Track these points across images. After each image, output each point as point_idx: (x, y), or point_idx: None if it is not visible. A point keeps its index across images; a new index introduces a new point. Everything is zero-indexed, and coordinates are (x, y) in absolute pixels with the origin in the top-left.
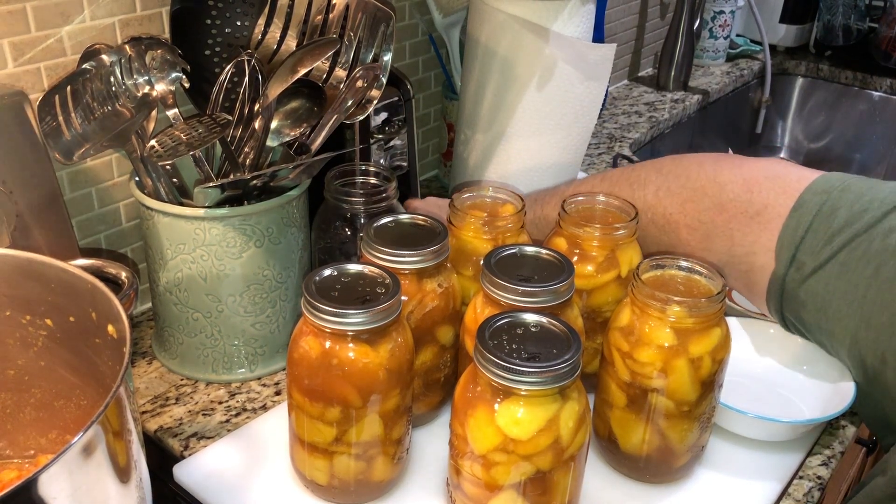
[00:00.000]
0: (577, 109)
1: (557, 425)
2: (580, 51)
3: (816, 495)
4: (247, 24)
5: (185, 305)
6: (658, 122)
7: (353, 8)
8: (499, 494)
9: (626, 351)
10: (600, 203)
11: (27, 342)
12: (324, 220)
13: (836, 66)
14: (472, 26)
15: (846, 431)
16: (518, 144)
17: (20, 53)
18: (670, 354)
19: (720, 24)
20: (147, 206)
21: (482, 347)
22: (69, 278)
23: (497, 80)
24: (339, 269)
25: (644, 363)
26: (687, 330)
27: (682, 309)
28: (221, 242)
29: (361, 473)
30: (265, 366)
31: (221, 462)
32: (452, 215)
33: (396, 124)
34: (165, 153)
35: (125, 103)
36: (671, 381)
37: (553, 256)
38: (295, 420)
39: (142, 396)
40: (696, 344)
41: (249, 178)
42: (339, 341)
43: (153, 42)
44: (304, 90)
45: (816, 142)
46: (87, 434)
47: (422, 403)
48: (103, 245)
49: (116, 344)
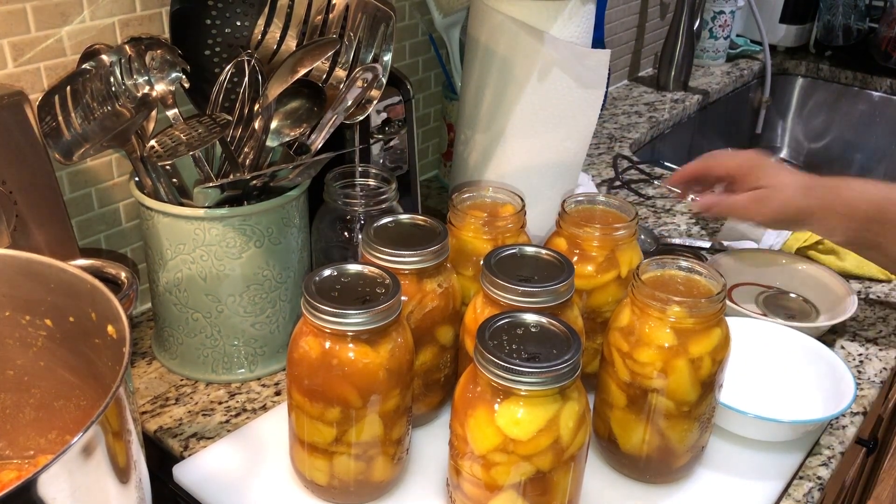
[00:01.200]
0: (576, 110)
1: (557, 425)
2: (575, 56)
3: (816, 495)
4: (247, 24)
5: (184, 306)
6: (658, 123)
7: (353, 8)
8: (499, 495)
9: (626, 351)
10: (600, 203)
11: (27, 342)
12: (323, 220)
13: (836, 67)
14: (472, 26)
15: (846, 431)
16: (518, 144)
17: (20, 53)
18: (670, 354)
19: (720, 24)
20: (147, 207)
21: (482, 348)
22: (69, 278)
23: (497, 81)
24: (339, 269)
25: (644, 363)
26: (687, 330)
27: (682, 309)
28: (221, 243)
29: (361, 474)
30: (265, 366)
31: (221, 462)
32: (452, 215)
33: (396, 124)
34: (165, 153)
35: (125, 103)
36: (671, 382)
37: (553, 257)
38: (295, 420)
39: (141, 397)
40: (696, 344)
41: (249, 179)
42: (339, 341)
43: (153, 42)
44: (304, 90)
45: (816, 142)
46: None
47: (422, 403)
48: (103, 245)
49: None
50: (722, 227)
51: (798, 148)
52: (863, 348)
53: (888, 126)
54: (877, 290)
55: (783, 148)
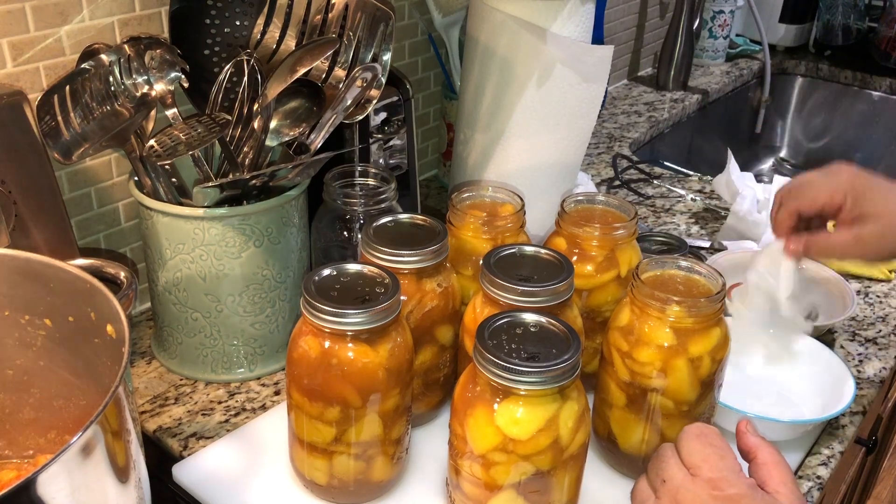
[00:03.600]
0: (576, 109)
1: (557, 425)
2: (577, 52)
3: (816, 495)
4: (246, 23)
5: (184, 305)
6: (658, 122)
7: (353, 7)
8: (498, 494)
9: (626, 351)
10: (600, 203)
11: (26, 342)
12: (323, 220)
13: (836, 66)
14: (471, 26)
15: (846, 431)
16: (517, 144)
17: (19, 53)
18: (670, 354)
19: (720, 23)
20: (146, 206)
21: (482, 347)
22: (68, 278)
23: (496, 80)
24: (339, 268)
25: (644, 363)
26: (686, 330)
27: (681, 309)
28: (220, 242)
29: (361, 473)
30: (264, 366)
31: (220, 462)
32: (452, 215)
33: (396, 124)
34: (164, 153)
35: (124, 103)
36: (671, 381)
37: (552, 256)
38: (294, 420)
39: (141, 396)
40: (695, 344)
41: (248, 178)
42: (339, 341)
43: (152, 42)
44: (304, 90)
45: (816, 141)
46: (86, 434)
47: (421, 403)
48: (102, 245)
49: (115, 344)
50: (722, 227)
51: (797, 147)
52: (862, 348)
53: (888, 126)
54: (877, 290)
55: (783, 147)
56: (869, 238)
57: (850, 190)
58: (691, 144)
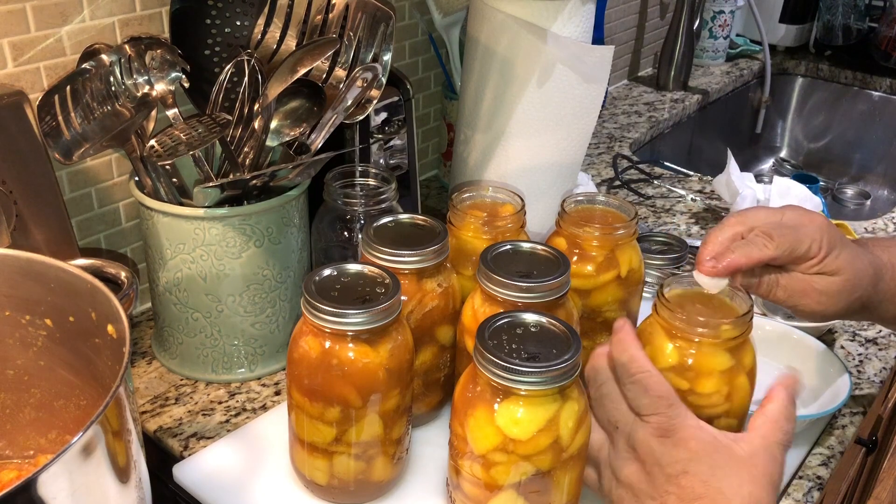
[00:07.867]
0: (576, 109)
1: (557, 425)
2: (578, 52)
3: (816, 495)
4: (246, 23)
5: (184, 305)
6: (658, 122)
7: (353, 8)
8: (498, 494)
9: (687, 388)
10: (600, 203)
11: (27, 342)
12: (323, 220)
13: (836, 66)
14: (471, 26)
15: (846, 431)
16: (518, 144)
17: (20, 53)
18: (732, 375)
19: (720, 23)
20: (147, 206)
21: (482, 347)
22: (69, 278)
23: (496, 80)
24: (339, 269)
25: (710, 394)
26: (738, 345)
27: (731, 326)
28: (221, 242)
29: (361, 473)
30: (265, 366)
31: (221, 462)
32: (452, 215)
33: (396, 124)
34: (165, 153)
35: (125, 103)
36: (735, 401)
37: (549, 252)
38: (295, 420)
39: (141, 396)
40: (746, 355)
41: (249, 178)
42: (339, 341)
43: (153, 42)
44: (304, 90)
45: (816, 142)
46: (87, 434)
47: (422, 403)
48: (103, 245)
49: (116, 344)
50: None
51: (798, 148)
52: (862, 348)
53: (888, 126)
54: None
55: (783, 148)
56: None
57: (826, 241)
58: (691, 144)
